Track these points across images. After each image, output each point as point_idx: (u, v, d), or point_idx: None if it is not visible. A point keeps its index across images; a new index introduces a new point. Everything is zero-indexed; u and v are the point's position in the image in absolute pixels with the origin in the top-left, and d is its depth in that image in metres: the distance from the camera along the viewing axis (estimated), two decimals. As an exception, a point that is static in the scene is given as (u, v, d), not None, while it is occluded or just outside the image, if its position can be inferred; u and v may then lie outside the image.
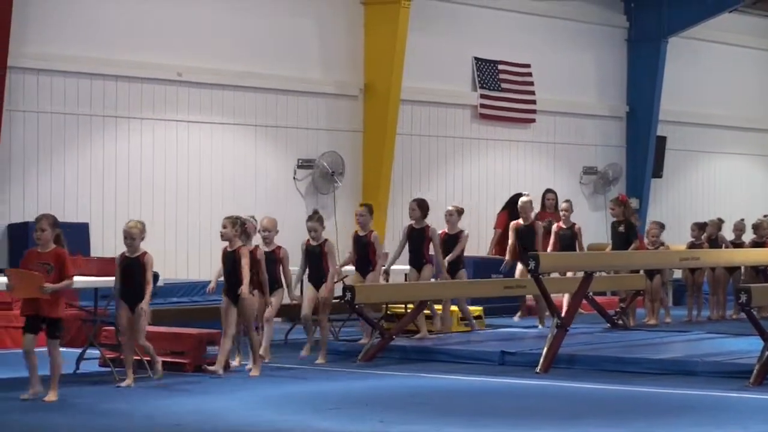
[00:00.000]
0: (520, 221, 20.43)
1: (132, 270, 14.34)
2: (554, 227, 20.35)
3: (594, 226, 24.95)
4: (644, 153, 28.08)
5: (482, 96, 25.34)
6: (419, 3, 23.26)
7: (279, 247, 16.29)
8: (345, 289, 16.96)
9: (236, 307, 15.09)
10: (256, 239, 15.75)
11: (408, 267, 18.84)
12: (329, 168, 22.69)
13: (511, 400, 13.82)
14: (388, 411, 12.89)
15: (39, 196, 19.24)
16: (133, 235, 14.39)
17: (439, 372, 15.99)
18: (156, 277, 15.42)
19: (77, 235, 17.47)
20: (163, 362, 15.17)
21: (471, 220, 22.69)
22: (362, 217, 18.06)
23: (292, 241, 16.95)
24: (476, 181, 24.62)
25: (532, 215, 20.54)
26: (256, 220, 16.02)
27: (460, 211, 18.83)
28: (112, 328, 15.67)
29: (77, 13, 19.80)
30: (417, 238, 18.34)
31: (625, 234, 20.45)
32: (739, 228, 22.86)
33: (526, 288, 18.92)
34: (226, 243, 15.18)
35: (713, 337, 18.92)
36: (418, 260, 18.37)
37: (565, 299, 18.67)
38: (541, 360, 15.92)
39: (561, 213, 20.74)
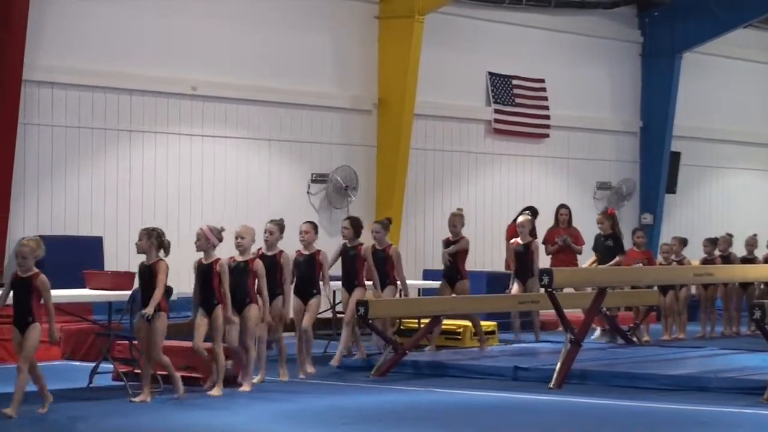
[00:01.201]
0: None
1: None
2: (512, 243, 20.42)
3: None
4: (658, 168, 28.10)
5: (496, 111, 25.38)
6: (433, 18, 23.29)
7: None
8: (359, 303, 17.04)
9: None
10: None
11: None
12: (343, 182, 22.74)
13: (525, 416, 13.84)
14: (401, 427, 13.00)
15: (53, 210, 19.32)
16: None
17: (452, 387, 15.89)
18: (170, 291, 15.56)
19: (91, 248, 17.48)
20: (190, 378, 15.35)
21: (486, 234, 22.78)
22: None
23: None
24: (490, 195, 24.67)
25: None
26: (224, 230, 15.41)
27: (386, 226, 17.95)
28: (126, 342, 15.62)
29: (92, 27, 19.81)
30: (349, 258, 17.62)
31: (613, 248, 20.58)
32: (751, 243, 22.94)
33: (540, 303, 18.86)
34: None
35: (727, 353, 18.92)
36: (350, 282, 17.61)
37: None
38: (555, 375, 15.93)
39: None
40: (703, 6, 26.98)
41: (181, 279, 15.98)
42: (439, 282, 20.30)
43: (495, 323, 20.61)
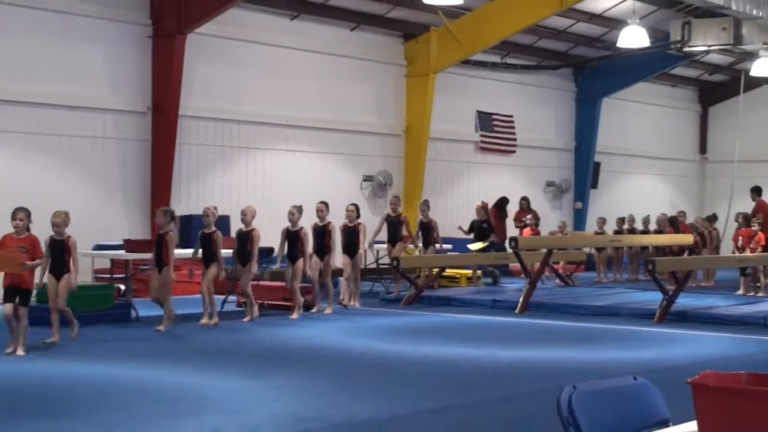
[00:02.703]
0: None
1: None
2: (384, 215, 18.53)
3: (553, 221, 24.93)
4: (586, 173, 27.99)
5: (482, 136, 25.32)
6: (442, 75, 23.32)
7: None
8: (393, 258, 17.15)
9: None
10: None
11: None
12: (383, 181, 22.85)
13: (499, 331, 14.06)
14: (420, 337, 13.18)
15: (198, 198, 19.01)
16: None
17: (453, 312, 16.14)
18: (270, 251, 15.72)
19: (223, 223, 17.30)
20: (276, 305, 15.45)
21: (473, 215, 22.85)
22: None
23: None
24: (476, 190, 24.53)
25: (428, 213, 18.79)
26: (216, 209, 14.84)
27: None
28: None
29: (223, 81, 19.79)
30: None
31: (486, 229, 19.91)
32: (646, 222, 23.29)
33: (508, 259, 19.12)
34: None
35: (630, 291, 19.17)
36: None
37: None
38: (519, 305, 16.17)
39: (390, 207, 18.39)
40: (615, 68, 26.73)
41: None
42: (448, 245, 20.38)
43: (480, 272, 20.66)
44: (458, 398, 9.06)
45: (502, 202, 23.31)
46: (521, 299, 16.29)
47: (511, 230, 22.48)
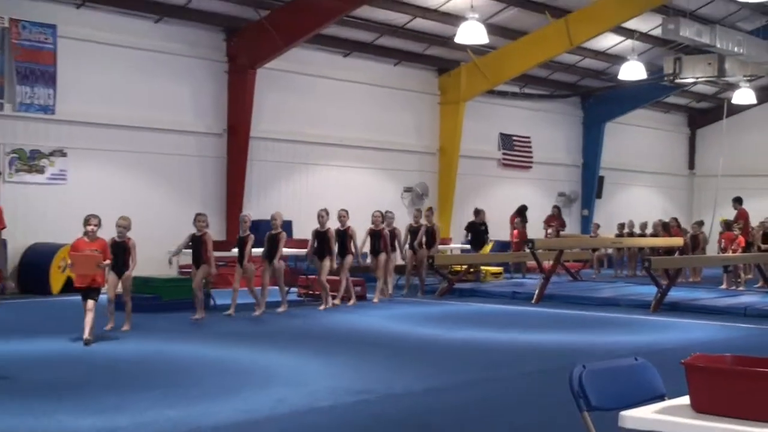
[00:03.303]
0: (412, 223, 17.46)
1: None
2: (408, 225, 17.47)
3: (569, 226, 24.93)
4: (591, 185, 27.89)
5: (503, 154, 25.32)
6: (470, 103, 23.32)
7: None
8: (429, 257, 17.09)
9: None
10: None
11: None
12: (420, 191, 22.83)
13: (519, 318, 14.02)
14: (452, 322, 13.16)
15: (267, 205, 19.03)
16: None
17: (479, 302, 16.12)
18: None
19: (287, 226, 17.19)
20: (332, 295, 15.40)
21: (499, 221, 22.76)
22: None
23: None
24: (499, 200, 24.46)
25: (429, 220, 17.46)
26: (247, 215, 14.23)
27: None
28: (304, 276, 15.79)
29: (286, 108, 19.85)
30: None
31: (484, 232, 19.73)
32: (642, 227, 23.06)
33: (527, 257, 18.98)
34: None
35: (629, 285, 18.93)
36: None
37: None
38: (535, 296, 16.14)
39: (414, 217, 17.54)
40: (617, 97, 26.72)
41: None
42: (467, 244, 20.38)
43: (501, 268, 20.61)
44: (484, 373, 9.06)
45: (522, 210, 23.23)
46: (537, 291, 16.25)
47: (531, 233, 22.35)
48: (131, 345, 10.39)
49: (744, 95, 25.80)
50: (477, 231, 19.93)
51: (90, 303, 10.12)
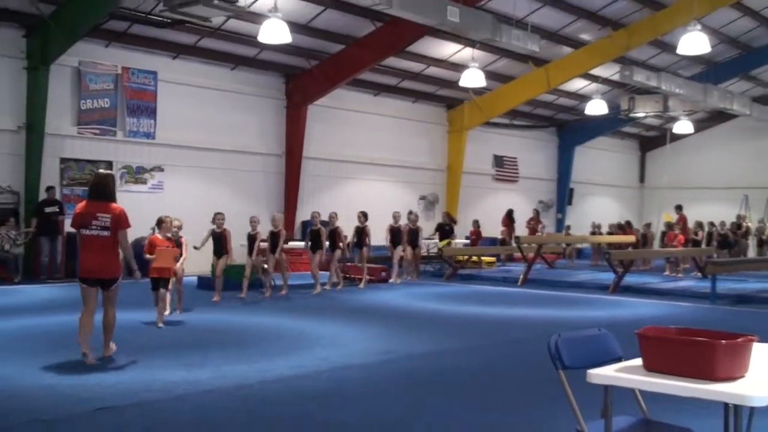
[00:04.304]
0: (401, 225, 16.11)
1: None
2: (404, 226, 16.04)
3: (547, 227, 24.78)
4: (564, 194, 27.65)
5: (496, 170, 25.18)
6: (471, 132, 23.24)
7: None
8: (439, 249, 16.96)
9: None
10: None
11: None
12: (432, 199, 22.78)
13: (507, 297, 13.81)
14: (457, 301, 12.98)
15: (315, 210, 19.40)
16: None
17: (477, 285, 16.06)
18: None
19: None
20: (361, 279, 15.17)
21: (492, 223, 22.65)
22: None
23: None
24: (493, 207, 24.43)
25: (402, 222, 16.11)
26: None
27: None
28: (342, 263, 15.25)
29: (329, 135, 19.97)
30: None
31: (449, 231, 18.28)
32: (611, 227, 22.86)
33: (515, 250, 18.78)
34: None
35: (594, 272, 18.59)
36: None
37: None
38: (520, 279, 16.04)
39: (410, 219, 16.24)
40: (584, 127, 26.51)
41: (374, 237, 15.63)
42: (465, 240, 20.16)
43: (495, 258, 20.47)
44: (482, 340, 8.97)
45: (510, 213, 23.19)
46: (522, 276, 16.19)
47: (518, 232, 22.27)
48: (207, 316, 10.35)
49: (683, 126, 25.60)
50: (443, 230, 18.63)
51: (163, 292, 9.35)
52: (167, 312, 9.82)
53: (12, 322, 9.35)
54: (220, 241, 11.68)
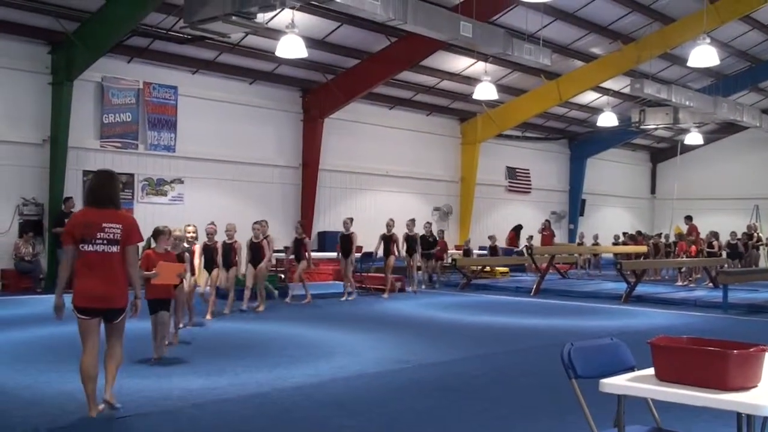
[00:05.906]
0: (407, 232, 15.75)
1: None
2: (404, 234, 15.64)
3: (559, 237, 24.71)
4: (576, 205, 27.56)
5: (509, 182, 25.14)
6: (484, 144, 23.21)
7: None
8: (453, 259, 16.89)
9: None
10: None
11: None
12: (446, 210, 22.76)
13: (520, 306, 13.79)
14: (470, 310, 12.97)
15: (331, 220, 19.29)
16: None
17: (490, 294, 16.05)
18: (370, 254, 15.34)
19: (344, 238, 17.18)
20: (377, 289, 15.25)
21: (504, 234, 22.56)
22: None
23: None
24: (505, 218, 24.40)
25: (415, 229, 15.83)
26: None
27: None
28: (358, 273, 15.68)
29: (345, 147, 19.94)
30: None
31: (432, 243, 16.83)
32: (616, 237, 22.65)
33: (527, 260, 18.78)
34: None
35: (605, 282, 18.54)
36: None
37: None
38: (533, 289, 15.95)
39: (407, 227, 15.69)
40: (596, 139, 26.44)
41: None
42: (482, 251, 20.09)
43: (507, 268, 20.37)
44: (494, 348, 8.92)
45: (518, 228, 23.18)
46: (534, 286, 16.11)
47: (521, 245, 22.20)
48: (224, 324, 10.34)
49: (693, 138, 25.48)
50: (427, 242, 17.02)
51: (166, 315, 7.59)
52: (254, 306, 9.87)
53: (34, 331, 9.34)
54: (229, 254, 11.09)
